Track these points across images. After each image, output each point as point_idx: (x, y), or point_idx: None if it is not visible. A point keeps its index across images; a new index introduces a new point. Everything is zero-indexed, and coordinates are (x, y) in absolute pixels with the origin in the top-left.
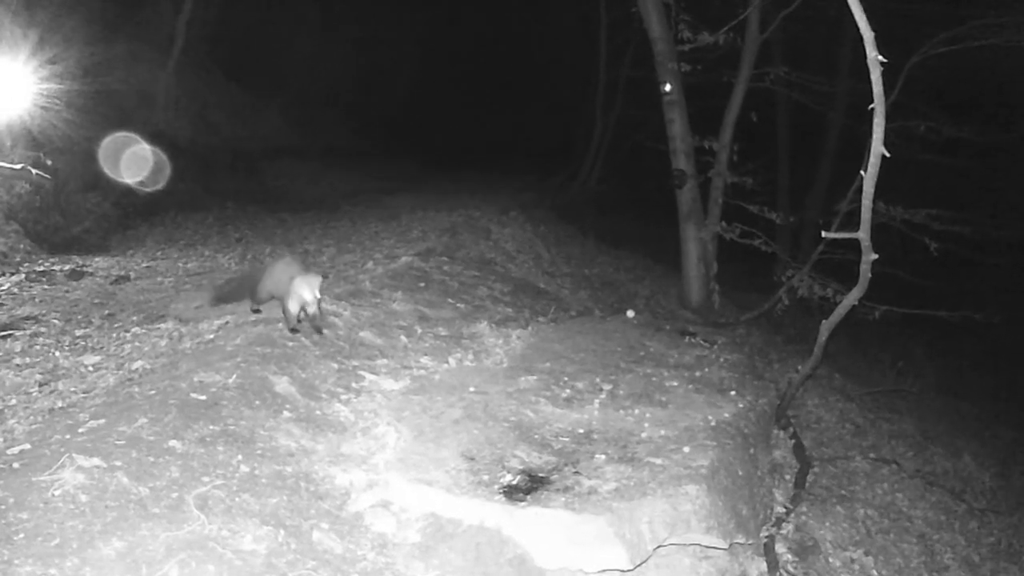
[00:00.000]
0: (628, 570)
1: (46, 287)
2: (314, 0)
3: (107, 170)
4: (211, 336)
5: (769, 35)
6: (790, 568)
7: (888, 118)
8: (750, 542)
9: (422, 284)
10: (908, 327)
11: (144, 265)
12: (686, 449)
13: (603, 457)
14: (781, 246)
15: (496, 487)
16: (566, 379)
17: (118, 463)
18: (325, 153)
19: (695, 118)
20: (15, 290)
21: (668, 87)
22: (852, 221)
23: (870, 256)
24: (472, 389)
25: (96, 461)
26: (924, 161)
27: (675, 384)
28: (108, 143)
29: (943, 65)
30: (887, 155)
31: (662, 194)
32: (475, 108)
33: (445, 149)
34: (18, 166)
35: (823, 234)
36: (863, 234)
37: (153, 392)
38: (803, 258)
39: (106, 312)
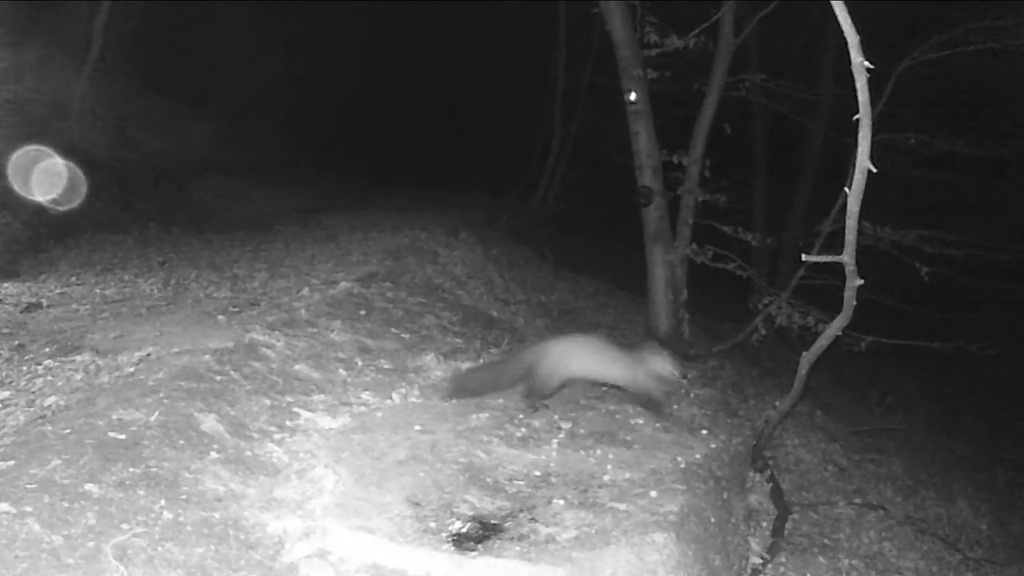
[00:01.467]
0: None
1: None
2: (244, 2)
3: (16, 187)
4: (131, 370)
5: (744, 39)
6: None
7: (875, 130)
8: None
9: (363, 312)
10: (897, 359)
11: (57, 291)
12: (653, 493)
13: (562, 502)
14: (757, 270)
15: (444, 535)
16: (521, 416)
17: (29, 509)
18: (257, 168)
19: (663, 130)
20: None
21: (633, 96)
22: (835, 243)
23: (855, 281)
24: (418, 427)
25: (4, 507)
26: (914, 177)
27: (641, 422)
28: (17, 157)
29: (935, 72)
30: (874, 170)
31: (627, 213)
32: (421, 118)
33: (388, 163)
34: None
35: (803, 257)
36: (847, 257)
37: (67, 431)
38: (782, 283)
39: (15, 343)
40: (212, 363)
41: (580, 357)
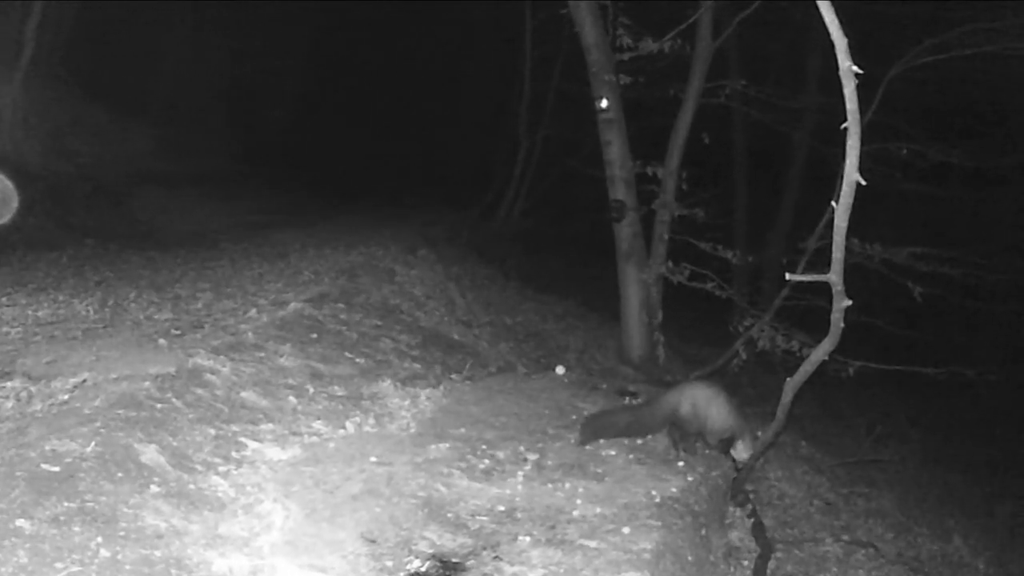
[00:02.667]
0: None
1: None
2: (186, 2)
3: None
4: (66, 397)
5: (724, 42)
6: None
7: (864, 139)
8: None
9: (314, 335)
10: (888, 386)
11: None
12: (626, 530)
13: (528, 539)
14: (738, 290)
15: (402, 574)
16: (484, 447)
17: None
18: (201, 180)
19: (637, 140)
20: None
21: (605, 103)
22: (822, 261)
23: (843, 303)
24: (373, 459)
25: None
26: (907, 190)
27: (613, 453)
28: None
29: (929, 77)
30: (863, 183)
31: (597, 229)
32: (377, 127)
33: (341, 175)
34: None
35: (787, 276)
36: (834, 276)
37: None
38: (764, 304)
39: None
40: (152, 390)
41: (715, 407)
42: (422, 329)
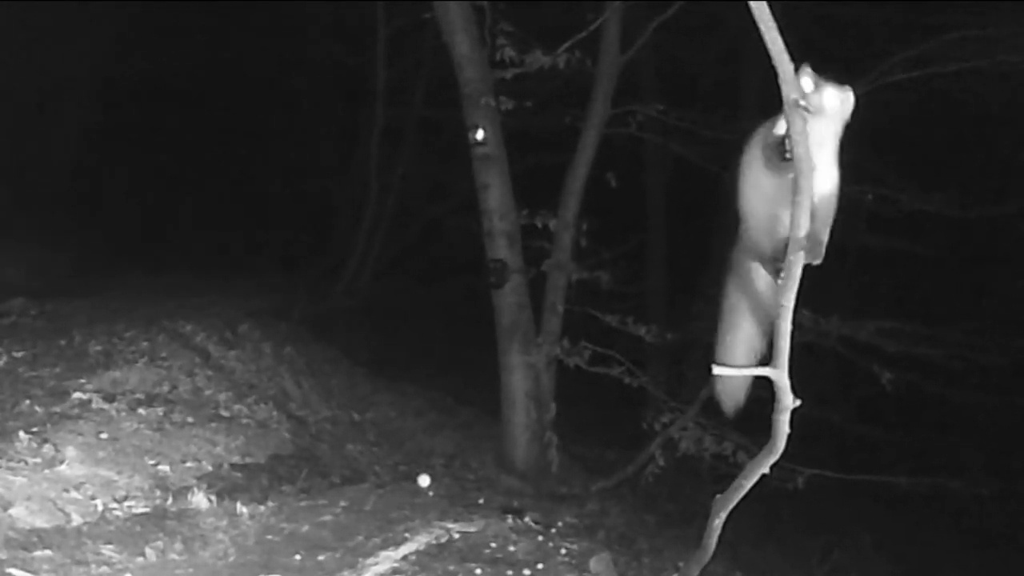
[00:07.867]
0: None
1: None
2: None
3: None
4: None
5: (635, 55)
6: None
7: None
8: None
9: (104, 435)
10: (848, 500)
11: None
12: None
13: None
14: (654, 377)
15: None
16: None
17: None
18: None
19: (523, 182)
20: None
21: (481, 134)
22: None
23: (788, 401)
24: None
25: None
26: (874, 247)
27: None
28: None
29: (902, 100)
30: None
31: (471, 298)
32: (184, 167)
33: (141, 229)
34: None
35: (714, 370)
36: (776, 371)
37: None
38: (687, 395)
39: None
40: None
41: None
42: (244, 427)
